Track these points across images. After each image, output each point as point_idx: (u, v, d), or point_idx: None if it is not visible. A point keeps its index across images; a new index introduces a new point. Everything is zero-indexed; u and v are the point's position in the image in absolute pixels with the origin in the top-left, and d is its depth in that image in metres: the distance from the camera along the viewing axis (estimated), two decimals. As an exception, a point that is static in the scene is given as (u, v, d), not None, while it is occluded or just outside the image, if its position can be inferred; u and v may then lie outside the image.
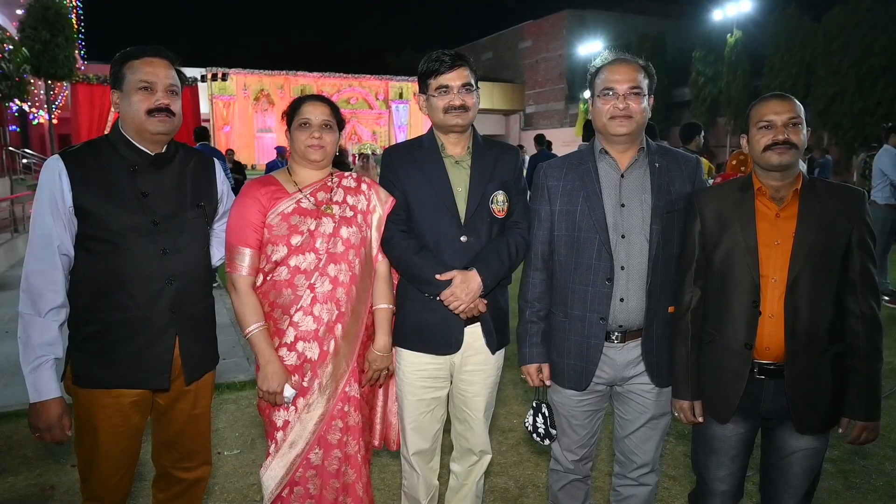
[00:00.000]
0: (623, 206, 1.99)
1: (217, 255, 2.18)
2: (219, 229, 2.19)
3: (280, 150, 10.89)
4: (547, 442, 2.17)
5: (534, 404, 2.18)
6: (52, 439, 1.82)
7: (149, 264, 1.84)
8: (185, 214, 1.93)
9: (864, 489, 2.98)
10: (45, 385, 1.77)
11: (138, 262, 1.82)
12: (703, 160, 5.67)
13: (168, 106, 1.85)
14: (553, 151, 9.56)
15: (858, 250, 1.82)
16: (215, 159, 2.15)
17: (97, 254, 1.81)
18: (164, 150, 1.92)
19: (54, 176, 1.78)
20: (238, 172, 10.89)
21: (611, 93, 1.96)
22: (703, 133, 5.92)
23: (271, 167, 9.43)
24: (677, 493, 2.95)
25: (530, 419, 2.18)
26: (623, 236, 1.98)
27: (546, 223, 2.09)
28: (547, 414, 2.15)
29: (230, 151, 12.15)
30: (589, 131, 5.80)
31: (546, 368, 2.12)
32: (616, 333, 2.01)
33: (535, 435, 2.18)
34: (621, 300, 1.98)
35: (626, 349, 2.03)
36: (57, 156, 1.83)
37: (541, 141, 9.90)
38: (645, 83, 1.98)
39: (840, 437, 1.94)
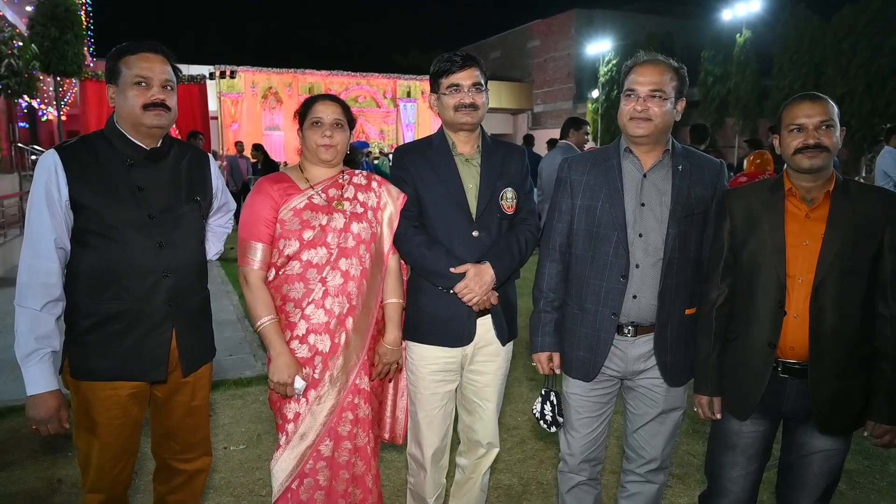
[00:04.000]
0: (643, 205, 2.00)
1: (212, 249, 2.21)
2: (214, 224, 2.21)
3: (358, 146, 10.11)
4: (553, 429, 2.19)
5: (543, 392, 2.21)
6: (50, 432, 1.83)
7: (145, 258, 1.85)
8: (180, 209, 1.95)
9: (867, 489, 2.98)
10: (41, 378, 1.79)
11: (134, 255, 1.84)
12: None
13: (164, 101, 1.86)
14: (535, 151, 10.16)
15: (890, 253, 1.79)
16: (210, 155, 2.18)
17: (93, 247, 1.83)
18: (159, 145, 1.93)
19: (50, 170, 1.79)
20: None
21: (632, 94, 1.97)
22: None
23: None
24: (681, 490, 2.96)
25: (538, 406, 2.21)
26: (640, 235, 1.99)
27: (566, 216, 2.10)
28: (555, 402, 2.18)
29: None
30: (566, 128, 5.85)
31: (556, 357, 2.15)
32: (629, 327, 2.02)
33: (542, 422, 2.21)
34: (634, 297, 2.00)
35: (639, 343, 2.03)
36: (53, 150, 1.84)
37: (529, 141, 10.62)
38: (671, 86, 1.96)
39: (863, 439, 1.91)
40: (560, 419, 2.19)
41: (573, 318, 2.10)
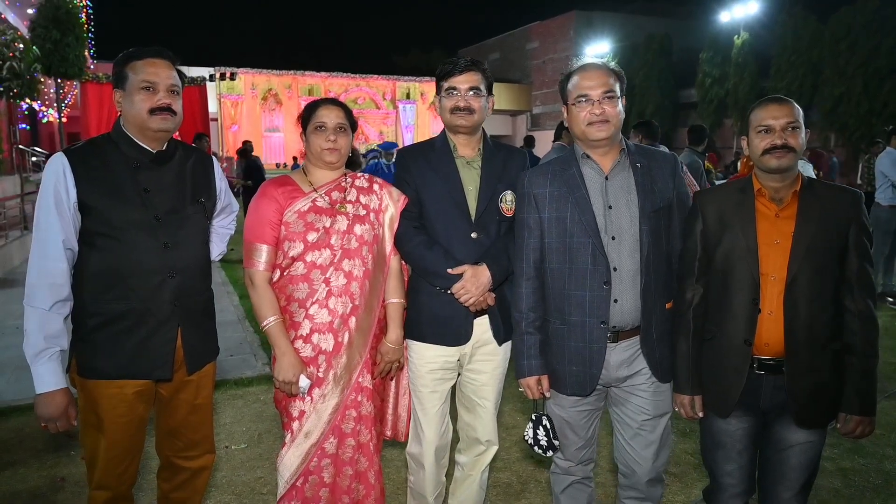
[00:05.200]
0: (610, 207, 1.99)
1: (216, 250, 2.24)
2: (217, 225, 2.25)
3: (387, 147, 9.92)
4: (550, 453, 2.13)
5: (533, 417, 2.14)
6: (59, 429, 1.86)
7: (151, 258, 1.89)
8: (185, 210, 1.98)
9: (861, 487, 3.01)
10: (50, 376, 1.81)
11: (141, 255, 1.88)
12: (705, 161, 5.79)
13: (170, 105, 1.90)
14: (534, 153, 10.24)
15: (855, 250, 1.86)
16: (214, 157, 2.22)
17: (101, 248, 1.86)
18: (164, 148, 1.97)
19: (59, 172, 1.82)
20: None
21: (585, 99, 1.98)
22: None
23: (372, 169, 8.89)
24: (678, 489, 2.99)
25: (530, 432, 2.13)
26: (613, 238, 1.97)
27: (536, 231, 2.07)
28: (549, 426, 2.12)
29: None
30: (559, 130, 6.01)
31: (545, 380, 2.10)
32: (609, 334, 2.00)
33: (536, 448, 2.13)
34: (615, 301, 1.98)
35: (619, 349, 2.02)
36: (61, 153, 1.88)
37: (529, 142, 10.68)
38: (617, 86, 2.00)
39: (838, 433, 1.97)
40: (556, 442, 2.12)
41: (558, 333, 2.06)
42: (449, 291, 2.18)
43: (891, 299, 6.46)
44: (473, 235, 2.21)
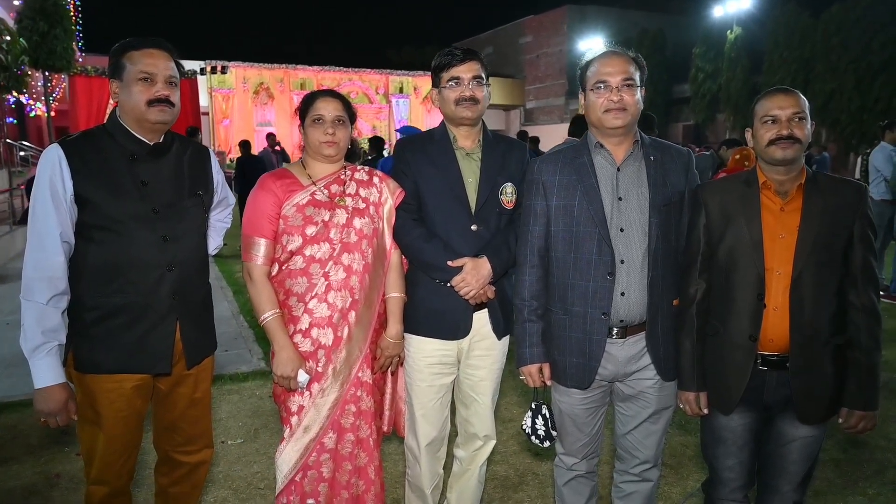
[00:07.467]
0: (620, 199, 1.96)
1: (212, 244, 2.22)
2: (213, 219, 2.22)
3: (405, 131, 9.67)
4: (547, 444, 2.13)
5: (532, 406, 2.14)
6: (59, 424, 1.84)
7: (150, 251, 1.87)
8: (183, 203, 1.96)
9: (855, 477, 3.04)
10: (49, 371, 1.79)
11: (139, 249, 1.86)
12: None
13: (168, 97, 1.87)
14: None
15: (860, 244, 1.84)
16: (210, 150, 2.20)
17: (98, 241, 1.84)
18: (161, 140, 1.95)
19: (55, 164, 1.79)
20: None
21: (603, 86, 1.93)
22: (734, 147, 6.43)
23: (383, 166, 8.68)
24: (674, 480, 3.01)
25: (529, 421, 2.13)
26: (622, 230, 1.95)
27: (542, 218, 2.05)
28: (548, 415, 2.11)
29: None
30: (577, 126, 6.02)
31: (546, 368, 2.09)
32: (616, 329, 1.98)
33: (534, 437, 2.13)
34: (622, 294, 1.95)
35: (628, 344, 2.00)
36: (56, 144, 1.84)
37: (523, 139, 10.66)
38: (637, 75, 1.96)
39: (838, 427, 1.96)
40: (554, 433, 2.11)
41: (560, 323, 2.04)
42: (449, 284, 2.16)
43: (881, 293, 6.52)
44: (473, 228, 2.19)
